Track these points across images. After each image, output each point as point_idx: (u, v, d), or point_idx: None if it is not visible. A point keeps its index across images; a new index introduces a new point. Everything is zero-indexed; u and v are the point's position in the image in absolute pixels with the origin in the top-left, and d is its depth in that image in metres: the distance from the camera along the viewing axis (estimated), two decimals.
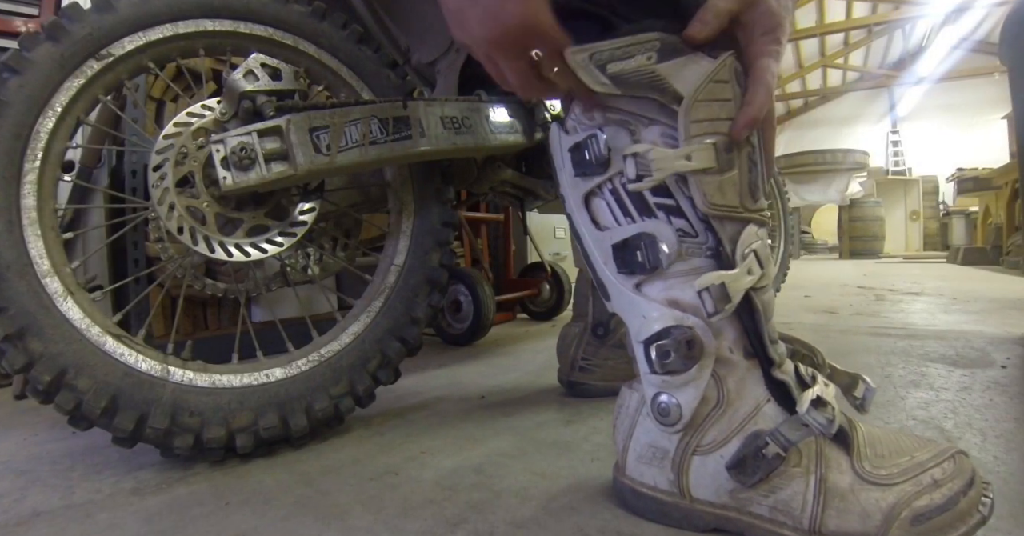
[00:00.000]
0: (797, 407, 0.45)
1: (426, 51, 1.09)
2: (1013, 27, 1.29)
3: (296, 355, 0.77)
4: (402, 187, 0.89)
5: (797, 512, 0.44)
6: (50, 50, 0.66)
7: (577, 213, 0.53)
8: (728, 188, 0.47)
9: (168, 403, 0.66)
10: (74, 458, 0.72)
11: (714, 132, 0.47)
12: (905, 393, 0.88)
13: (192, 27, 0.75)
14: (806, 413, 0.44)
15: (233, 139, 0.68)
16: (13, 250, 0.63)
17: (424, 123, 0.80)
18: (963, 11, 7.37)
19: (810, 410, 0.44)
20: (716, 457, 0.47)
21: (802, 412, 0.44)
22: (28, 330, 0.61)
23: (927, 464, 0.45)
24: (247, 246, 0.73)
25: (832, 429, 0.44)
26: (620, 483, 0.53)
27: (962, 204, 6.72)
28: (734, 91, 0.47)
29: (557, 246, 2.58)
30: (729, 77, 0.47)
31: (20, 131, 0.65)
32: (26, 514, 0.56)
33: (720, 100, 0.47)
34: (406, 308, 0.84)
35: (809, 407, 0.44)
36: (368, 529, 0.51)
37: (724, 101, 0.47)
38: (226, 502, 0.58)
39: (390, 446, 0.73)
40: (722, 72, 0.47)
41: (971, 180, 4.95)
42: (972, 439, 0.68)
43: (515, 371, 1.16)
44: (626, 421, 0.53)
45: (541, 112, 0.98)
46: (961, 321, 1.61)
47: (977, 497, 0.43)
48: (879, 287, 2.81)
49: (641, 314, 0.49)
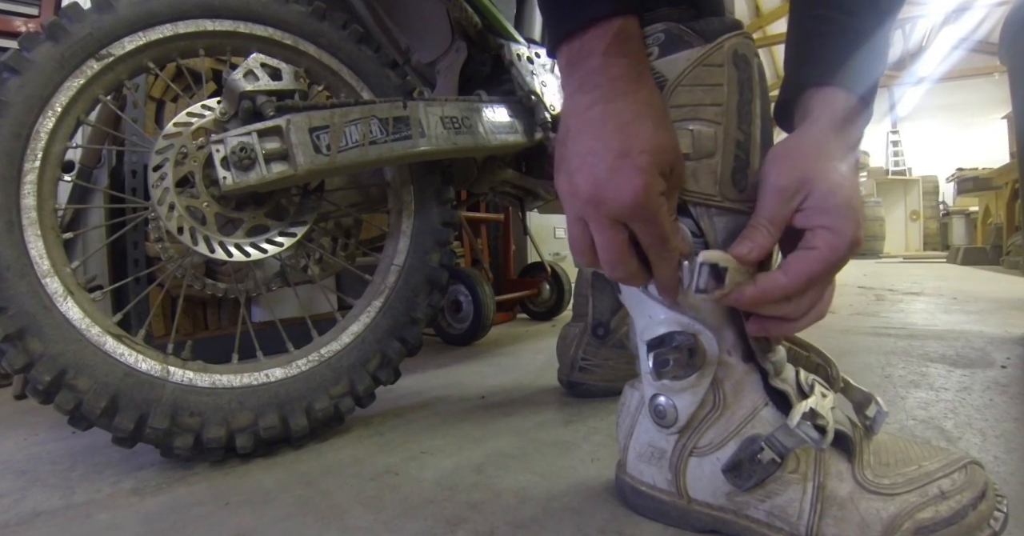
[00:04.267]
0: (788, 419, 0.43)
1: (426, 51, 1.09)
2: (1013, 27, 1.29)
3: (296, 355, 0.77)
4: (402, 187, 0.89)
5: (793, 519, 0.43)
6: (50, 50, 0.66)
7: None
8: (703, 175, 0.45)
9: (168, 403, 0.66)
10: (74, 458, 0.72)
11: (695, 118, 0.45)
12: (905, 393, 0.88)
13: (192, 27, 0.75)
14: (796, 427, 0.43)
15: (233, 139, 0.68)
16: (13, 250, 0.63)
17: (424, 123, 0.80)
18: (963, 11, 7.37)
19: (801, 423, 0.43)
20: (712, 459, 0.47)
21: (792, 425, 0.43)
22: (28, 330, 0.61)
23: (935, 474, 0.43)
24: (247, 246, 0.73)
25: (824, 444, 0.42)
26: (621, 480, 0.53)
27: (962, 204, 6.72)
28: (728, 75, 0.45)
29: (557, 246, 2.58)
30: (724, 61, 0.45)
31: (20, 131, 0.65)
32: (26, 514, 0.56)
33: (707, 85, 0.45)
34: (406, 308, 0.84)
35: (800, 420, 0.43)
36: (368, 529, 0.51)
37: (711, 86, 0.45)
38: (226, 502, 0.58)
39: (390, 446, 0.73)
40: (715, 55, 0.45)
41: (971, 180, 4.95)
42: (972, 439, 0.68)
43: (515, 371, 1.16)
44: (627, 419, 0.53)
45: (541, 112, 0.98)
46: (961, 321, 1.61)
47: (989, 511, 0.41)
48: (879, 287, 2.81)
49: (648, 313, 0.49)
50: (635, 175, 0.40)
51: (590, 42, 0.42)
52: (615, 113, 0.42)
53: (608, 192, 0.41)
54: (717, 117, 0.45)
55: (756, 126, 0.47)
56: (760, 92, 0.47)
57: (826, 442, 0.42)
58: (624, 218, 0.42)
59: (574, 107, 0.44)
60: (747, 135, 0.46)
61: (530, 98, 0.97)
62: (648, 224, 0.42)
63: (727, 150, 0.46)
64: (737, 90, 0.46)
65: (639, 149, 0.41)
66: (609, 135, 0.41)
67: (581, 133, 0.43)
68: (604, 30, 0.42)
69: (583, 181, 0.42)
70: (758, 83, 0.47)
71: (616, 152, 0.41)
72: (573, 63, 0.43)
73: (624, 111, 0.42)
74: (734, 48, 0.45)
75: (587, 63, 0.42)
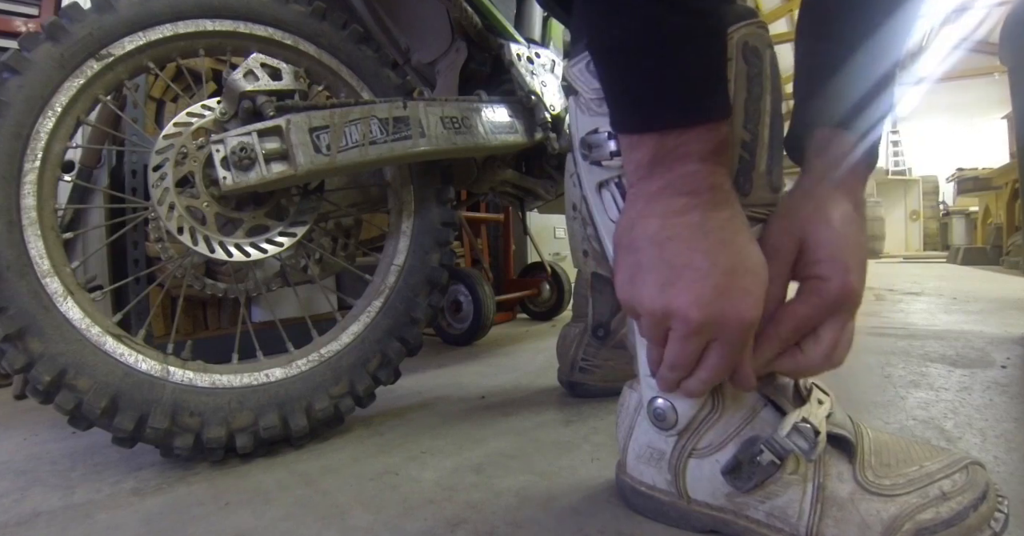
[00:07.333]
0: (779, 429, 0.43)
1: (426, 51, 1.09)
2: (1013, 27, 1.29)
3: (296, 355, 0.77)
4: (402, 187, 0.89)
5: (793, 520, 0.43)
6: (50, 50, 0.66)
7: (592, 198, 0.50)
8: None
9: (168, 403, 0.66)
10: (74, 458, 0.72)
11: None
12: (905, 393, 0.88)
13: (192, 27, 0.75)
14: (785, 437, 0.43)
15: (233, 139, 0.68)
16: (13, 250, 0.63)
17: (424, 123, 0.80)
18: (963, 11, 7.37)
19: (791, 433, 0.43)
20: (712, 461, 0.46)
21: (780, 436, 0.43)
22: (28, 330, 0.61)
23: (936, 475, 0.43)
24: (247, 246, 0.73)
25: (813, 455, 0.42)
26: (621, 480, 0.53)
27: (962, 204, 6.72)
28: (736, 70, 0.42)
29: (557, 246, 2.58)
30: (732, 54, 0.42)
31: (20, 131, 0.65)
32: (26, 514, 0.56)
33: None
34: (406, 308, 0.84)
35: (791, 430, 0.43)
36: (368, 529, 0.51)
37: None
38: (226, 502, 0.58)
39: (390, 446, 0.73)
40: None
41: (971, 180, 4.95)
42: (972, 439, 0.68)
43: (515, 371, 1.15)
44: (626, 420, 0.53)
45: (541, 112, 0.98)
46: (961, 321, 1.61)
47: (990, 512, 0.41)
48: (879, 287, 2.81)
49: None
50: (745, 297, 0.38)
51: (691, 144, 0.38)
52: (717, 225, 0.38)
53: (714, 313, 0.38)
54: None
55: (764, 125, 0.44)
56: (772, 87, 0.44)
57: (815, 453, 0.42)
58: (719, 338, 0.39)
59: (659, 207, 0.39)
60: (754, 135, 0.44)
61: (530, 98, 0.97)
62: (734, 346, 0.40)
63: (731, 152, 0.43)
64: (745, 86, 0.43)
65: (745, 268, 0.38)
66: (713, 249, 0.38)
67: (672, 240, 0.39)
68: (712, 134, 0.38)
69: (683, 297, 0.38)
70: (770, 78, 0.44)
71: (724, 269, 0.38)
72: (659, 160, 0.39)
73: (728, 224, 0.39)
74: (744, 40, 0.42)
75: (681, 166, 0.38)
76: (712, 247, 0.38)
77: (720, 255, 0.38)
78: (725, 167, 0.40)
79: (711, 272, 0.37)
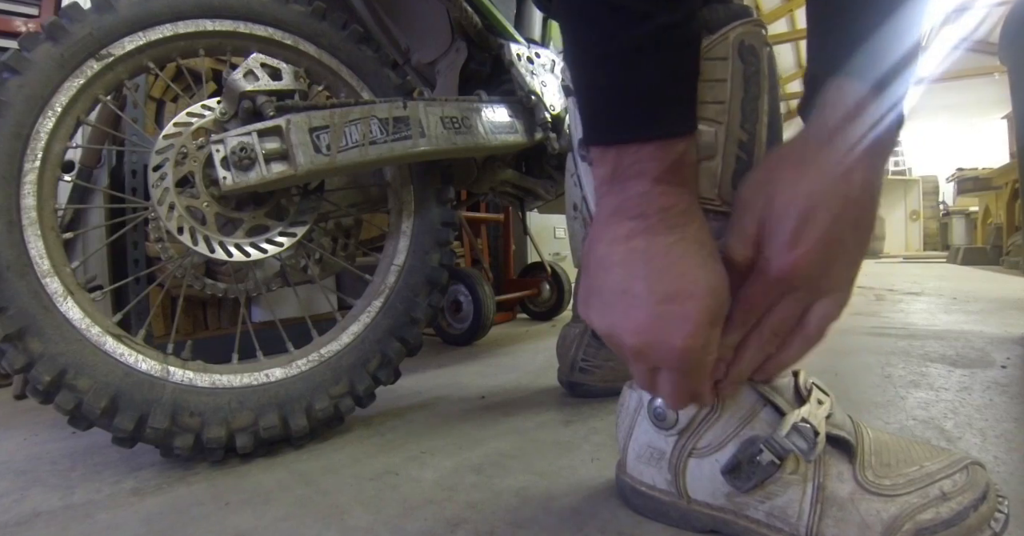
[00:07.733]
0: (778, 429, 0.43)
1: (426, 51, 1.09)
2: (1013, 27, 1.29)
3: (296, 355, 0.77)
4: (402, 187, 0.89)
5: (793, 520, 0.43)
6: (50, 50, 0.66)
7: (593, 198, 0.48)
8: (701, 177, 0.42)
9: (168, 403, 0.66)
10: (74, 458, 0.72)
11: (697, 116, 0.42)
12: (905, 393, 0.88)
13: (192, 27, 0.75)
14: (784, 437, 0.43)
15: (233, 139, 0.68)
16: (13, 250, 0.63)
17: (424, 123, 0.80)
18: (963, 11, 7.37)
19: (790, 434, 0.43)
20: (712, 461, 0.47)
21: (780, 436, 0.43)
22: (28, 330, 0.61)
23: (936, 475, 0.43)
24: (247, 246, 0.73)
25: (812, 455, 0.42)
26: (621, 480, 0.53)
27: (962, 204, 6.71)
28: (733, 70, 0.41)
29: (557, 246, 2.58)
30: (728, 54, 0.41)
31: (20, 131, 0.65)
32: (26, 514, 0.56)
33: (708, 81, 0.41)
34: (406, 308, 0.84)
35: (790, 430, 0.43)
36: (368, 529, 0.51)
37: (713, 82, 0.41)
38: (226, 502, 0.58)
39: (390, 446, 0.73)
40: (718, 48, 0.41)
41: (971, 180, 4.95)
42: (972, 439, 0.68)
43: (515, 371, 1.15)
44: (626, 420, 0.53)
45: (541, 112, 0.98)
46: (961, 321, 1.61)
47: (990, 512, 0.41)
48: (879, 287, 2.81)
49: None
50: (683, 324, 0.36)
51: (644, 162, 0.36)
52: (659, 250, 0.37)
53: (648, 341, 0.37)
54: (718, 116, 0.42)
55: (762, 124, 0.43)
56: (769, 86, 0.44)
57: (814, 453, 0.42)
58: (660, 364, 0.39)
59: (608, 232, 0.38)
60: (751, 135, 0.43)
61: (530, 98, 0.97)
62: (685, 377, 0.39)
63: (728, 151, 0.43)
64: (742, 86, 0.42)
65: (688, 294, 0.36)
66: (652, 275, 0.37)
67: (615, 266, 0.38)
68: (665, 152, 0.36)
69: (621, 324, 0.38)
70: (767, 77, 0.43)
71: (660, 297, 0.36)
72: (616, 177, 0.38)
73: (672, 249, 0.37)
74: (741, 39, 0.42)
75: (634, 185, 0.37)
76: (651, 274, 0.37)
77: (659, 282, 0.37)
78: (683, 186, 0.38)
79: (648, 300, 0.37)
